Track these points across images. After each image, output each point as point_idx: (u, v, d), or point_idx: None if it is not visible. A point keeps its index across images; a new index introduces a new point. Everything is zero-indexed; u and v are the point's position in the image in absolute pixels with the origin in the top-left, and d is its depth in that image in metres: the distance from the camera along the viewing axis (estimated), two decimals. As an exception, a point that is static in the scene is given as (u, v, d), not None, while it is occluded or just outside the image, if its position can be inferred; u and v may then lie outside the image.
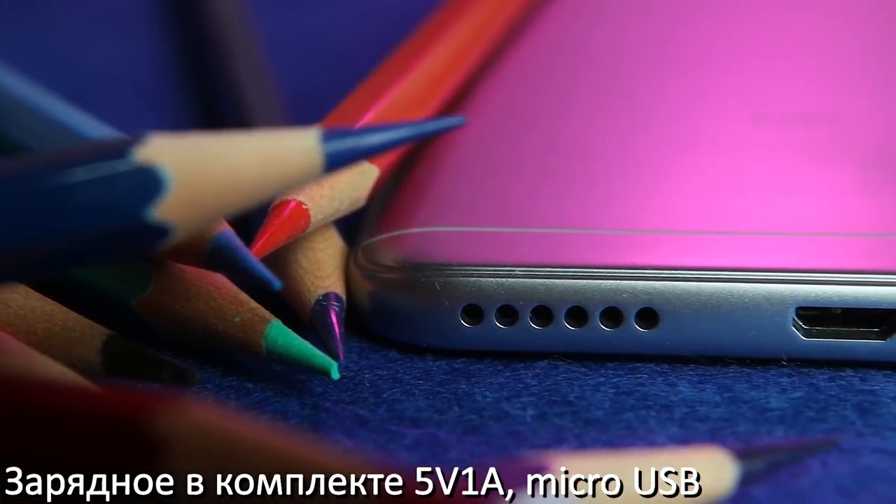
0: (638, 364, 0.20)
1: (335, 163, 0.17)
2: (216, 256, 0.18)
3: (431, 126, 0.17)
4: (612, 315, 0.20)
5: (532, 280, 0.20)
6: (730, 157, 0.23)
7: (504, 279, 0.20)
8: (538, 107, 0.25)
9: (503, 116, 0.25)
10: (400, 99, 0.23)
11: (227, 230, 0.19)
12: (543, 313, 0.20)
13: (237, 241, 0.18)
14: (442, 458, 0.18)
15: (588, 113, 0.24)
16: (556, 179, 0.22)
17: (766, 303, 0.19)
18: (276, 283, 0.18)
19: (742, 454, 0.16)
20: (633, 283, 0.20)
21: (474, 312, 0.20)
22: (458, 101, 0.25)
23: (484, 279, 0.20)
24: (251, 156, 0.16)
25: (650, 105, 0.25)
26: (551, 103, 0.25)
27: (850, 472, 0.17)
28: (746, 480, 0.16)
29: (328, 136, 0.17)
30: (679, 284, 0.20)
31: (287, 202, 0.20)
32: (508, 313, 0.20)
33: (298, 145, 0.16)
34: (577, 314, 0.20)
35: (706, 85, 0.25)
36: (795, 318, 0.19)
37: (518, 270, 0.20)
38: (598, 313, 0.20)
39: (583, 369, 0.20)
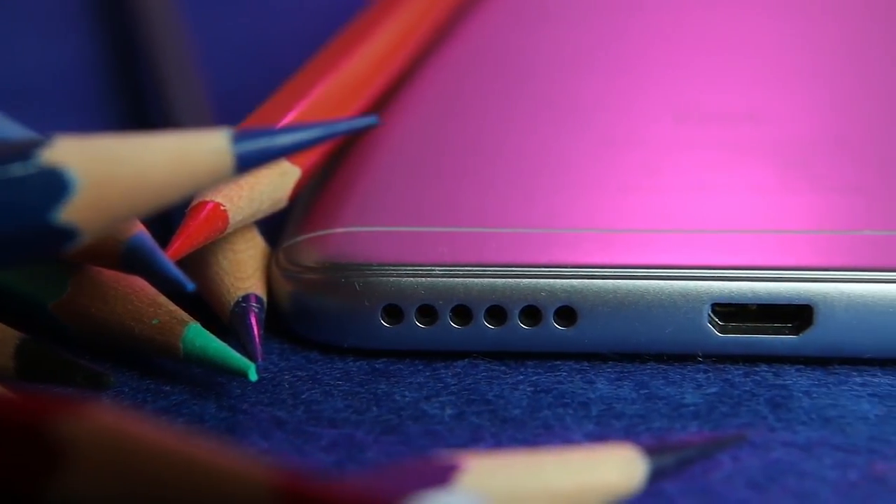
0: (557, 362, 0.20)
1: (246, 163, 0.17)
2: (129, 258, 0.18)
3: (344, 126, 0.17)
4: (531, 313, 0.20)
5: (451, 279, 0.20)
6: (650, 155, 0.23)
7: (423, 279, 0.20)
8: (463, 107, 0.25)
9: (429, 116, 0.25)
10: (324, 98, 0.23)
11: (141, 232, 0.18)
12: (463, 312, 0.20)
13: (151, 243, 0.18)
14: (358, 458, 0.18)
15: (511, 113, 0.25)
16: (477, 179, 0.22)
17: (682, 299, 0.20)
18: (189, 286, 0.18)
19: (652, 450, 0.16)
20: (551, 281, 0.20)
21: (394, 312, 0.20)
22: (385, 100, 0.25)
23: (403, 279, 0.20)
24: (160, 157, 0.16)
25: (573, 104, 0.25)
26: (476, 103, 0.25)
27: (760, 466, 0.17)
28: (656, 476, 0.16)
29: (239, 137, 0.16)
30: (596, 282, 0.20)
31: (204, 203, 0.20)
32: (428, 313, 0.20)
33: (208, 146, 0.16)
34: (497, 313, 0.20)
35: (628, 84, 0.26)
36: (711, 315, 0.20)
37: (437, 270, 0.20)
38: (517, 312, 0.20)
39: (503, 368, 0.20)
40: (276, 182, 0.21)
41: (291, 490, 0.13)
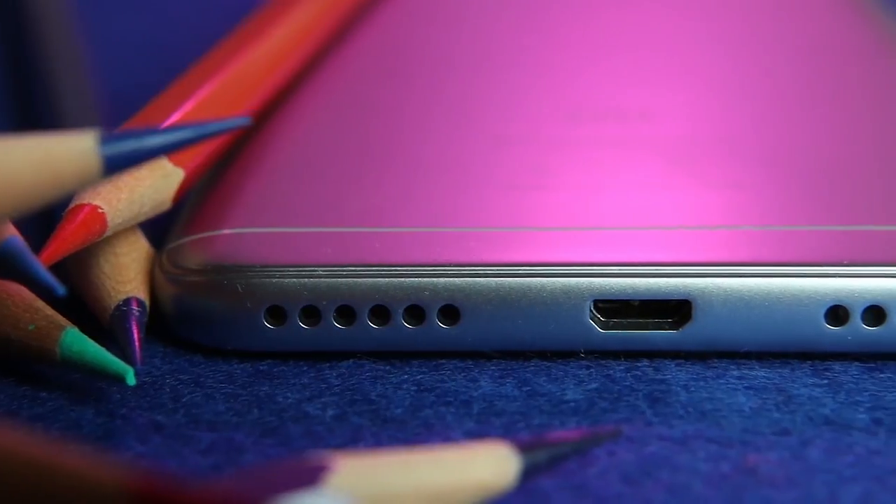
0: (442, 360, 0.20)
1: (114, 165, 0.16)
2: (1, 263, 0.18)
3: (215, 127, 0.17)
4: (415, 313, 0.20)
5: (335, 280, 0.20)
6: (541, 153, 0.23)
7: (307, 279, 0.20)
8: (354, 107, 0.25)
9: (320, 117, 0.25)
10: (211, 98, 0.23)
11: (13, 237, 0.18)
12: (347, 313, 0.20)
13: (22, 247, 0.18)
14: (237, 460, 0.18)
15: (402, 112, 0.25)
16: (366, 179, 0.22)
17: (564, 297, 0.20)
18: (60, 290, 0.17)
19: (525, 447, 0.17)
20: (434, 280, 0.20)
21: (278, 314, 0.20)
22: (278, 101, 0.25)
23: (286, 280, 0.20)
24: (25, 159, 0.16)
25: (465, 103, 0.25)
26: (368, 104, 0.25)
27: (635, 460, 0.18)
28: (530, 473, 0.17)
29: (106, 139, 0.16)
30: (479, 280, 0.20)
31: (81, 206, 0.19)
32: (312, 314, 0.20)
33: (75, 148, 0.16)
34: (381, 313, 0.20)
35: (522, 83, 0.26)
36: (593, 311, 0.20)
37: (321, 270, 0.20)
38: (400, 311, 0.20)
39: (387, 367, 0.20)
40: (159, 184, 0.21)
41: (146, 492, 0.13)
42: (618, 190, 0.22)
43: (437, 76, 0.26)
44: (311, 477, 0.15)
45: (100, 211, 0.19)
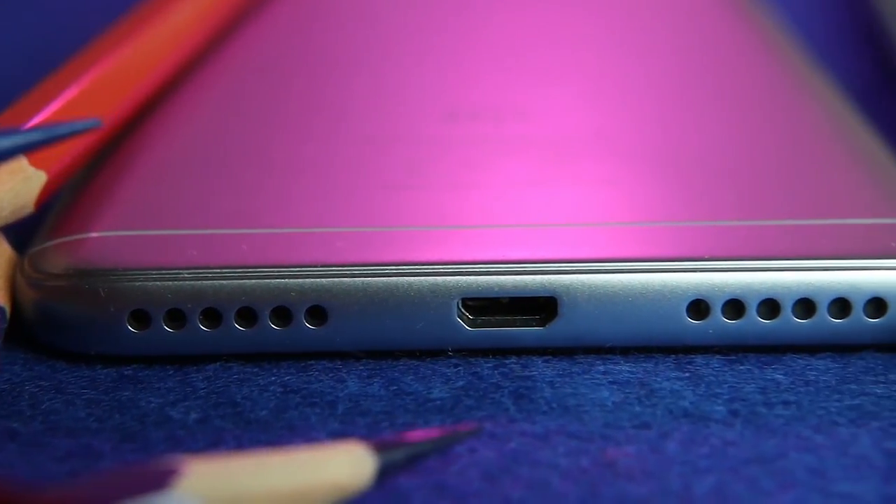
0: (311, 361, 0.20)
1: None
2: None
3: (63, 129, 0.17)
4: (282, 314, 0.20)
5: (200, 282, 0.20)
6: (416, 153, 0.23)
7: (171, 282, 0.19)
8: (227, 109, 0.25)
9: (193, 119, 0.24)
10: (81, 98, 0.23)
11: None
12: (213, 315, 0.20)
13: None
14: (93, 467, 0.17)
15: (277, 114, 0.24)
16: (233, 181, 0.22)
17: (431, 295, 0.20)
18: None
19: (382, 447, 0.17)
20: (300, 281, 0.20)
21: (142, 318, 0.20)
22: (153, 101, 0.25)
23: (150, 283, 0.19)
24: None
25: (341, 104, 0.25)
26: (241, 105, 0.25)
27: (496, 457, 0.18)
28: (388, 472, 0.17)
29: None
30: (346, 281, 0.20)
31: (-64, 211, 0.19)
32: (177, 317, 0.20)
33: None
34: (247, 314, 0.20)
35: (399, 83, 0.26)
36: (461, 310, 0.20)
37: (186, 273, 0.20)
38: (267, 313, 0.20)
39: (255, 370, 0.20)
40: (19, 188, 0.20)
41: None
42: (489, 189, 0.22)
43: (312, 76, 0.26)
44: (159, 481, 0.15)
45: (-45, 215, 0.19)
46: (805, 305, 0.20)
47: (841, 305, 0.20)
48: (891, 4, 0.30)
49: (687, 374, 0.19)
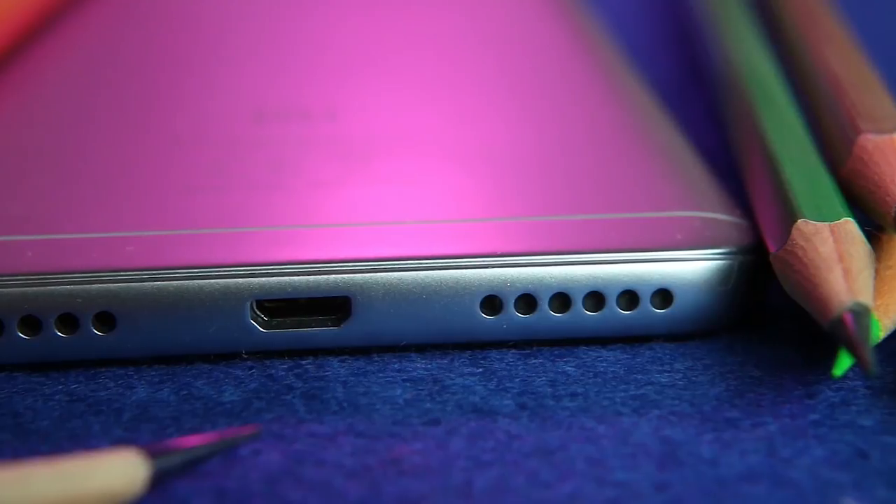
0: (102, 369, 0.20)
1: None
2: None
3: None
4: (69, 321, 0.19)
5: (-20, 292, 0.19)
6: (221, 154, 0.23)
7: (-51, 292, 0.19)
8: (40, 111, 0.24)
9: (8, 121, 0.24)
10: None
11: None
12: (-3, 325, 0.19)
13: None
14: None
15: (80, 115, 0.24)
16: (24, 186, 0.21)
17: (223, 298, 0.19)
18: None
19: (156, 452, 0.16)
20: (87, 287, 0.19)
21: (-85, 329, 0.19)
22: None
23: (-74, 293, 0.19)
24: None
25: (147, 106, 0.24)
26: (52, 107, 0.24)
27: (280, 459, 0.17)
28: (163, 477, 0.16)
29: None
30: (135, 286, 0.19)
31: None
32: (-42, 328, 0.19)
33: None
34: (32, 323, 0.19)
35: (207, 84, 0.25)
36: (255, 311, 0.20)
37: (-35, 282, 0.19)
38: (52, 321, 0.19)
39: (42, 379, 0.19)
40: None
41: None
42: (290, 189, 0.22)
43: (117, 79, 0.25)
44: None
45: None
46: (595, 298, 0.20)
47: (629, 297, 0.20)
48: (702, 4, 0.30)
49: (480, 370, 0.20)
